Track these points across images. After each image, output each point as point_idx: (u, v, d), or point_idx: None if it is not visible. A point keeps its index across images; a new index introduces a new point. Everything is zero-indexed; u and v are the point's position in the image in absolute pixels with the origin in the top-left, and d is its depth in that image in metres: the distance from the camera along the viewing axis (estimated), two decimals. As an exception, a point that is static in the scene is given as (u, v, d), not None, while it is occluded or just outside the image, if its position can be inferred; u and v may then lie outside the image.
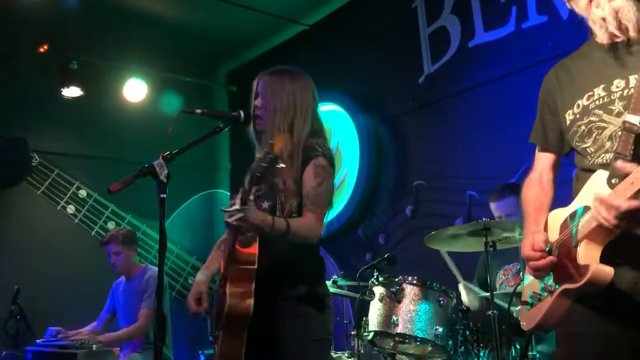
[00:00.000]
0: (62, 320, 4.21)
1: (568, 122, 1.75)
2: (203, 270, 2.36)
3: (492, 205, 3.47)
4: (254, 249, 2.12)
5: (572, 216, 1.64)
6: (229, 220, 1.99)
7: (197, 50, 6.10)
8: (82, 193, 5.58)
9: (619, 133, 1.60)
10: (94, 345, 3.62)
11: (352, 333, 3.40)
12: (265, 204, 2.21)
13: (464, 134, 4.37)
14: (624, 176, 1.48)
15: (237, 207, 1.97)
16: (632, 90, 1.60)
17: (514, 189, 3.31)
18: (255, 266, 2.09)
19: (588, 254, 1.53)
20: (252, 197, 1.99)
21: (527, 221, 1.84)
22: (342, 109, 5.21)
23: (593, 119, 1.68)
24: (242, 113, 2.22)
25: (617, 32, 1.64)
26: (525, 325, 1.79)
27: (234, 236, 2.09)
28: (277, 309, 2.16)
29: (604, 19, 1.64)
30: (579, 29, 1.90)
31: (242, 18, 5.50)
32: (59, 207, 5.48)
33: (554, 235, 1.73)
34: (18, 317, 4.31)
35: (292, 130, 2.23)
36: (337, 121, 5.26)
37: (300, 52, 5.70)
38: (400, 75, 4.84)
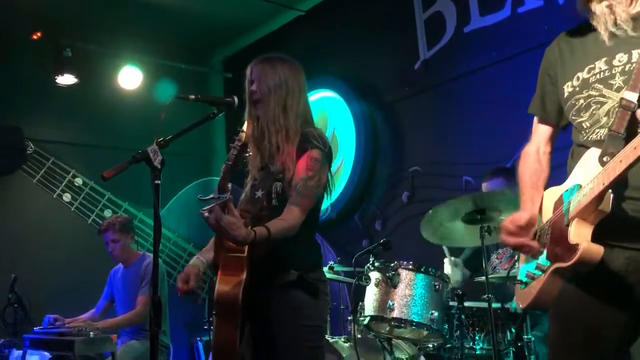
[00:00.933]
0: (60, 307, 4.21)
1: (566, 94, 1.73)
2: (198, 255, 2.35)
3: (483, 186, 3.58)
4: None
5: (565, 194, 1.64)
6: (206, 215, 1.92)
7: (193, 37, 6.07)
8: (78, 181, 5.57)
9: (617, 109, 1.57)
10: (91, 333, 3.63)
11: (349, 318, 3.42)
12: (260, 193, 2.21)
13: (459, 120, 4.37)
14: (615, 154, 1.47)
15: (214, 195, 1.93)
16: (634, 65, 1.57)
17: (503, 172, 3.48)
18: (245, 254, 2.07)
19: (579, 233, 1.52)
20: (229, 186, 1.94)
21: (523, 198, 1.82)
22: (337, 96, 5.20)
23: (593, 92, 1.65)
24: (236, 99, 2.22)
25: (614, 30, 1.62)
26: (520, 304, 1.80)
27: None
28: (270, 296, 2.16)
29: (602, 14, 1.63)
30: (575, 12, 1.88)
31: (237, 4, 5.46)
32: (54, 196, 5.47)
33: (548, 213, 1.72)
34: (15, 305, 4.32)
35: (286, 110, 2.24)
36: (333, 108, 5.24)
37: (296, 38, 5.67)
38: (396, 61, 4.82)
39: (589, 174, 1.55)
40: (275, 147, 2.21)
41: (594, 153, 1.57)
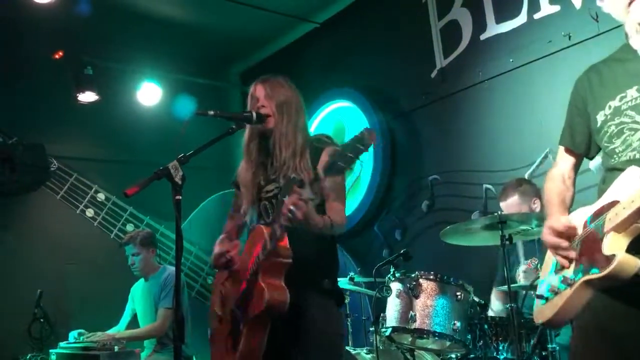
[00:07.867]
0: (85, 322, 4.27)
1: (599, 123, 1.76)
2: (224, 240, 2.48)
3: (501, 205, 3.51)
4: (286, 241, 2.12)
5: (599, 213, 1.63)
6: (292, 208, 1.92)
7: (210, 52, 6.14)
8: (101, 196, 5.65)
9: None
10: (116, 347, 3.67)
11: (371, 329, 3.41)
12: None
13: (477, 128, 4.35)
14: None
15: (308, 195, 1.91)
16: None
17: (517, 188, 3.40)
18: (291, 260, 2.11)
19: (614, 245, 1.53)
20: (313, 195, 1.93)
21: (551, 208, 1.86)
22: (354, 106, 5.21)
23: (625, 119, 1.69)
24: (254, 113, 2.25)
25: None
26: (540, 319, 1.79)
27: (273, 227, 2.08)
28: (305, 299, 2.20)
29: None
30: (592, 18, 1.87)
31: (253, 18, 5.52)
32: (78, 211, 5.56)
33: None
34: (42, 320, 4.38)
35: (297, 128, 2.30)
36: (349, 118, 5.26)
37: (312, 50, 5.71)
38: (413, 71, 4.82)
39: (630, 191, 1.55)
40: (282, 161, 2.26)
41: (633, 172, 1.58)
